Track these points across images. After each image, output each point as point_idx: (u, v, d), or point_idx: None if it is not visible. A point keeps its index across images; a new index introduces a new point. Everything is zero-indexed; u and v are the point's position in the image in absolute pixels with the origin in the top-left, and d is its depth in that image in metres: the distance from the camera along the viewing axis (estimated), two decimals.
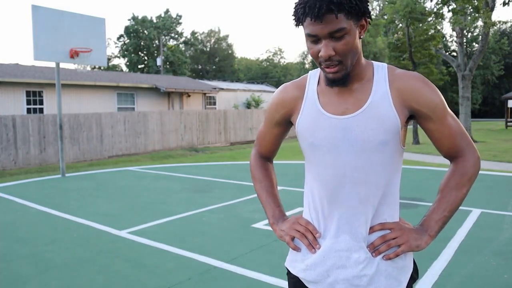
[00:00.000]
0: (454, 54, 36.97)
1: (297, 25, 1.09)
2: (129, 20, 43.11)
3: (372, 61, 1.19)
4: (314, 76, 1.23)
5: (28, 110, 13.80)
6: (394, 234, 1.11)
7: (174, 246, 3.96)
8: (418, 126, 16.52)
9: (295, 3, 1.08)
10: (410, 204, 5.48)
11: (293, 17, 1.08)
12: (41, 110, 14.11)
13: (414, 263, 1.19)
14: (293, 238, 1.21)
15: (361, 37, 1.10)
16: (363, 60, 1.14)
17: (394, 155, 1.16)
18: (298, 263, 1.20)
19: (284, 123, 1.30)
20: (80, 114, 11.78)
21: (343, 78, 1.09)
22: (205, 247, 3.92)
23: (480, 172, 8.17)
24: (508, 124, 25.47)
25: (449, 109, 1.17)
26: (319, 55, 1.06)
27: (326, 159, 1.15)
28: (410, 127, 23.67)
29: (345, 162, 1.12)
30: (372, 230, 1.12)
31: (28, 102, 13.83)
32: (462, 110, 15.90)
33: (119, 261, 3.63)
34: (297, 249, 1.20)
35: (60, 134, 8.79)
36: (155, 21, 43.18)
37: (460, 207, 5.19)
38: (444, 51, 20.22)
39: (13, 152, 10.31)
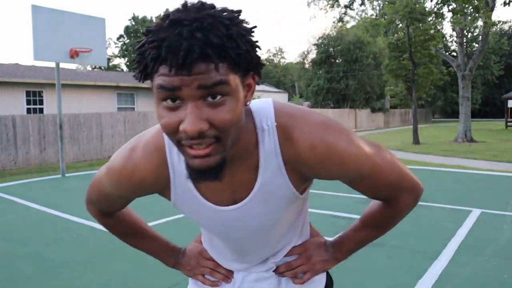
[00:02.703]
0: (454, 54, 36.94)
1: (142, 78, 0.69)
2: (129, 20, 43.12)
3: (253, 115, 0.82)
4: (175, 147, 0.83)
5: (28, 110, 13.80)
6: (300, 261, 1.03)
7: None
8: (418, 126, 16.44)
9: (140, 41, 0.70)
10: None
11: (137, 65, 0.69)
12: (41, 110, 14.11)
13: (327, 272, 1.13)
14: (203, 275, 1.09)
15: (248, 103, 0.74)
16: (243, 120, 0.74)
17: (297, 209, 0.97)
18: None
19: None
20: (80, 114, 11.78)
21: (218, 167, 0.71)
22: None
23: (480, 172, 8.20)
24: (508, 124, 25.47)
25: (376, 155, 0.87)
26: (180, 128, 0.67)
27: (217, 238, 1.01)
28: (410, 127, 23.67)
29: (240, 242, 0.97)
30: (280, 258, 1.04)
31: (28, 102, 13.83)
32: (462, 110, 15.90)
33: (119, 261, 3.63)
34: (215, 284, 1.07)
35: (60, 134, 8.79)
36: (155, 21, 43.19)
37: (460, 207, 5.22)
38: (444, 51, 20.23)
39: (13, 152, 10.31)
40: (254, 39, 0.71)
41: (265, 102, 0.85)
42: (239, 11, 0.71)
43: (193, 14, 0.65)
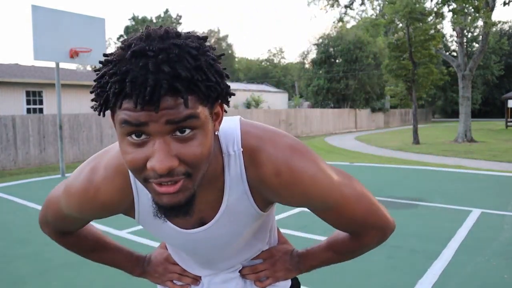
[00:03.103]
0: (454, 54, 36.96)
1: (102, 111, 0.65)
2: (129, 20, 43.13)
3: (220, 139, 0.80)
4: None
5: (28, 110, 13.81)
6: (264, 266, 1.03)
7: None
8: (418, 126, 16.43)
9: (98, 71, 0.65)
10: (410, 204, 5.48)
11: (96, 97, 0.65)
12: (41, 110, 14.11)
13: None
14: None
15: (216, 132, 0.71)
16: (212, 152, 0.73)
17: (261, 221, 0.96)
18: None
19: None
20: (80, 114, 11.78)
21: (188, 202, 0.68)
22: None
23: (480, 172, 8.20)
24: (508, 124, 25.47)
25: (345, 185, 0.84)
26: (148, 165, 0.63)
27: (183, 253, 1.00)
28: (410, 127, 23.66)
29: (207, 257, 0.97)
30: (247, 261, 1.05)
31: (28, 102, 13.84)
32: (462, 110, 15.90)
33: None
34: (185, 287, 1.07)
35: (60, 134, 8.78)
36: (155, 21, 43.19)
37: (460, 207, 5.22)
38: (444, 51, 20.22)
39: (13, 152, 10.31)
40: (221, 67, 0.67)
41: (232, 124, 0.83)
42: (206, 38, 0.67)
43: (158, 44, 0.61)
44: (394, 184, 7.09)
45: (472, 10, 14.78)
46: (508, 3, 14.67)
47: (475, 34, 36.89)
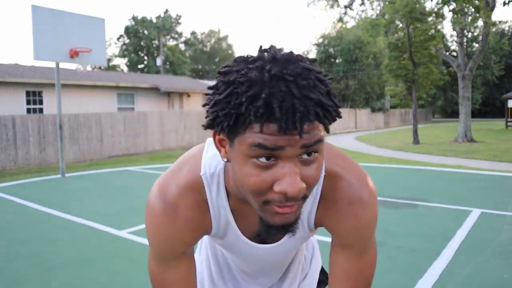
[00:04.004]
0: (454, 54, 36.97)
1: (229, 130, 0.65)
2: (129, 20, 43.13)
3: None
4: (214, 184, 0.82)
5: (28, 110, 13.80)
6: None
7: None
8: (418, 126, 16.37)
9: (225, 89, 0.65)
10: (410, 204, 5.48)
11: (223, 118, 0.64)
12: (41, 110, 14.11)
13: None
14: None
15: None
16: None
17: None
18: None
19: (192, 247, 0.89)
20: (80, 114, 11.78)
21: (296, 221, 0.70)
22: None
23: (480, 172, 8.20)
24: (508, 124, 25.46)
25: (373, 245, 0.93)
26: (277, 188, 0.64)
27: (237, 257, 1.02)
28: (410, 127, 23.63)
29: (263, 267, 1.03)
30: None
31: (28, 102, 13.83)
32: (462, 110, 15.90)
33: (119, 261, 3.63)
34: None
35: (60, 134, 8.79)
36: (154, 21, 43.19)
37: (460, 207, 5.22)
38: (444, 51, 20.20)
39: (12, 152, 10.31)
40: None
41: None
42: (315, 60, 0.69)
43: (292, 67, 0.62)
44: (394, 184, 7.09)
45: (472, 10, 14.78)
46: (508, 3, 14.66)
47: (475, 34, 36.87)
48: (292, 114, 0.59)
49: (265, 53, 0.66)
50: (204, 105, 0.69)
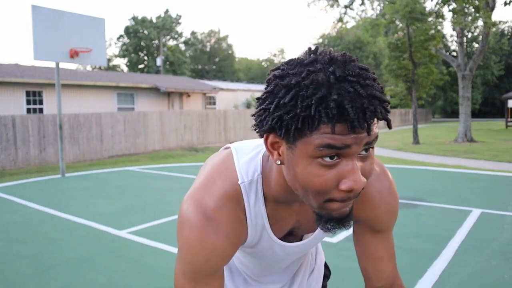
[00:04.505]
0: (454, 54, 36.96)
1: (292, 135, 0.66)
2: (129, 20, 43.14)
3: None
4: (252, 191, 0.82)
5: (28, 110, 13.80)
6: None
7: (174, 246, 3.96)
8: (418, 126, 16.35)
9: (286, 92, 0.65)
10: (410, 204, 5.48)
11: (290, 121, 0.65)
12: (41, 110, 14.11)
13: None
14: None
15: None
16: None
17: None
18: None
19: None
20: (80, 114, 11.78)
21: (350, 213, 0.73)
22: None
23: (480, 172, 8.20)
24: (508, 124, 25.46)
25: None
26: (343, 186, 0.66)
27: (257, 260, 1.01)
28: (410, 127, 23.62)
29: (275, 268, 1.04)
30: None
31: (28, 102, 13.83)
32: (462, 110, 15.90)
33: (119, 261, 3.63)
34: None
35: (60, 134, 8.79)
36: (155, 21, 43.17)
37: (460, 207, 5.22)
38: (444, 51, 20.19)
39: (12, 152, 10.31)
40: None
41: None
42: (357, 59, 0.72)
43: (350, 68, 0.65)
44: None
45: (473, 10, 14.78)
46: (509, 3, 14.66)
47: (475, 34, 36.87)
48: (363, 114, 0.62)
49: (319, 55, 0.68)
50: (257, 109, 0.71)
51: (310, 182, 0.67)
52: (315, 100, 0.62)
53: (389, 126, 0.66)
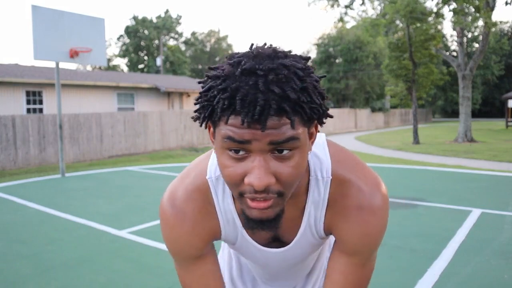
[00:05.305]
0: (455, 54, 36.96)
1: (205, 122, 0.68)
2: (129, 20, 43.13)
3: (309, 161, 0.81)
4: (220, 187, 0.82)
5: (28, 110, 13.80)
6: None
7: None
8: (418, 126, 16.38)
9: (203, 83, 0.67)
10: (410, 204, 5.48)
11: (201, 110, 0.67)
12: (40, 110, 14.10)
13: None
14: None
15: (310, 151, 0.72)
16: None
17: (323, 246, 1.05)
18: None
19: (209, 246, 0.89)
20: (80, 114, 11.78)
21: (276, 218, 0.70)
22: None
23: (480, 172, 8.20)
24: (508, 124, 25.46)
25: (374, 257, 0.91)
26: (246, 181, 0.65)
27: (254, 264, 1.02)
28: (410, 127, 23.63)
29: (276, 272, 1.02)
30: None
31: (28, 102, 13.83)
32: (462, 110, 15.89)
33: (119, 261, 3.63)
34: None
35: (60, 134, 8.78)
36: (155, 21, 43.16)
37: (460, 207, 5.22)
38: (444, 51, 20.19)
39: (12, 152, 10.31)
40: (322, 88, 0.69)
41: (320, 146, 0.84)
42: (308, 58, 0.69)
43: (267, 63, 0.63)
44: (394, 184, 7.08)
45: (473, 10, 14.77)
46: (510, 3, 14.65)
47: (475, 34, 36.87)
48: (253, 108, 0.60)
49: (254, 50, 0.67)
50: (195, 103, 0.71)
51: (222, 172, 0.68)
52: (218, 90, 0.63)
53: (292, 126, 0.62)
